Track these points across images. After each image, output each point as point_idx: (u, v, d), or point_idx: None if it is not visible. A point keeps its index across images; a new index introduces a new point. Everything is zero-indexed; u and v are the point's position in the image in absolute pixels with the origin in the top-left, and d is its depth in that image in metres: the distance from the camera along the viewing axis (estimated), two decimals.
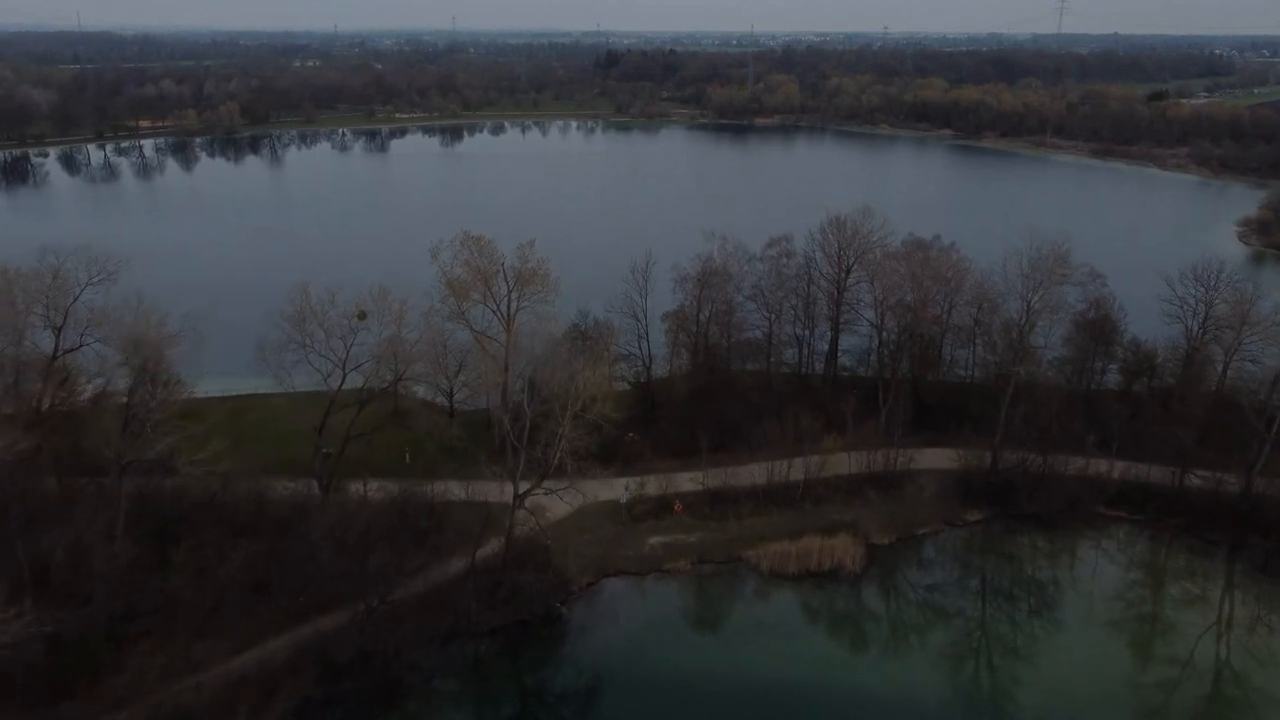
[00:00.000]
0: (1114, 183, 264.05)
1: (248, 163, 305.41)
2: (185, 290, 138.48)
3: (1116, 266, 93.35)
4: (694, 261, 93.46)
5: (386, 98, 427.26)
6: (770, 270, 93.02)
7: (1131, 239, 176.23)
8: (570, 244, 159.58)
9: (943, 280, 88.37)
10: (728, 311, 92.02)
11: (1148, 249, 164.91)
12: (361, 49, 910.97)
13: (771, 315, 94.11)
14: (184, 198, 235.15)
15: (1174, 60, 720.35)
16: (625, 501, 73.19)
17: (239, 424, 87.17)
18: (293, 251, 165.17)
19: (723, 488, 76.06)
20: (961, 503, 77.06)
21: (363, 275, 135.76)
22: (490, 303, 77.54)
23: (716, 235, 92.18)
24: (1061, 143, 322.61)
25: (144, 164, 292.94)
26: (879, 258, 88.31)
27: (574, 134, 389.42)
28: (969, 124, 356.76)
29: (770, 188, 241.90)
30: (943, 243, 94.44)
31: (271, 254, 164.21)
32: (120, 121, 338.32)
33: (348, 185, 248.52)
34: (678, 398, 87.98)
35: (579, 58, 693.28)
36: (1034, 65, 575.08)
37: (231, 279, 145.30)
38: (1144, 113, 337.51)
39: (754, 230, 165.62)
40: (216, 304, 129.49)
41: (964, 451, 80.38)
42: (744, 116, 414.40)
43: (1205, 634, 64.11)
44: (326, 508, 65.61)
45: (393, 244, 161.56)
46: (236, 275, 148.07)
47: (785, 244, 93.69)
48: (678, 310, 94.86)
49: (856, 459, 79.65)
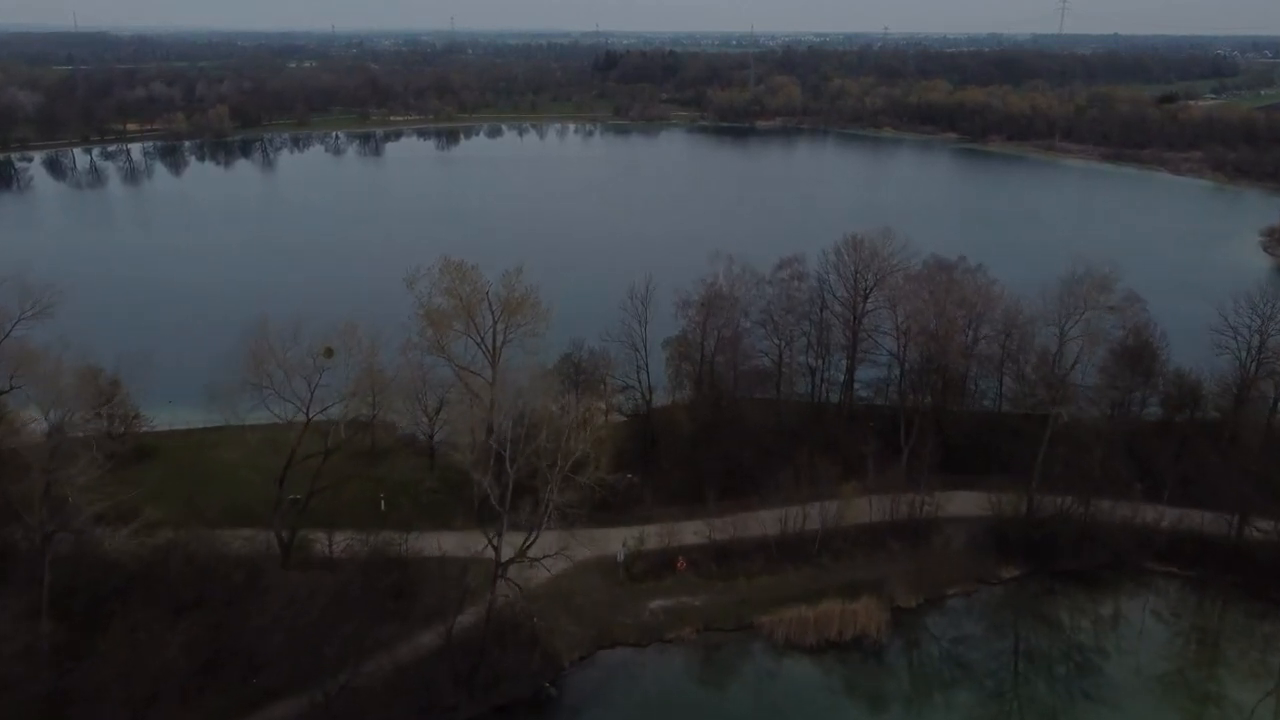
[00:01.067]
0: (1127, 188, 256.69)
1: (237, 167, 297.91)
2: (153, 306, 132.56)
3: (1142, 283, 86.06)
4: (697, 284, 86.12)
5: (381, 100, 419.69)
6: (780, 294, 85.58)
7: (1152, 250, 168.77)
8: (565, 257, 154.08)
9: (968, 305, 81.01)
10: (734, 338, 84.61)
11: (1172, 263, 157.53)
12: (359, 50, 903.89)
13: (782, 342, 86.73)
14: (165, 205, 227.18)
15: (1179, 61, 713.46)
16: (623, 559, 65.73)
17: (197, 463, 79.72)
18: (269, 266, 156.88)
19: (731, 540, 68.67)
20: (995, 556, 69.66)
21: (342, 294, 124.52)
22: (474, 334, 70.02)
23: (722, 255, 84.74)
24: (1070, 146, 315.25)
25: (131, 169, 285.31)
26: (901, 282, 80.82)
27: (572, 137, 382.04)
28: (975, 127, 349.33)
29: (774, 194, 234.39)
30: (968, 263, 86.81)
31: (246, 268, 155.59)
32: (107, 125, 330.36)
33: (336, 192, 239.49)
34: (680, 434, 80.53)
35: (578, 58, 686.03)
36: (1038, 66, 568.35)
37: (202, 293, 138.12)
38: (1154, 115, 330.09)
39: (759, 241, 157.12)
40: (186, 321, 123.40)
41: (996, 496, 73.07)
42: (745, 119, 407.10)
43: (1261, 704, 57.15)
44: (285, 572, 58.21)
45: (376, 259, 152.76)
46: (208, 289, 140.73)
47: (797, 265, 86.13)
48: (680, 337, 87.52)
49: (878, 505, 72.32)
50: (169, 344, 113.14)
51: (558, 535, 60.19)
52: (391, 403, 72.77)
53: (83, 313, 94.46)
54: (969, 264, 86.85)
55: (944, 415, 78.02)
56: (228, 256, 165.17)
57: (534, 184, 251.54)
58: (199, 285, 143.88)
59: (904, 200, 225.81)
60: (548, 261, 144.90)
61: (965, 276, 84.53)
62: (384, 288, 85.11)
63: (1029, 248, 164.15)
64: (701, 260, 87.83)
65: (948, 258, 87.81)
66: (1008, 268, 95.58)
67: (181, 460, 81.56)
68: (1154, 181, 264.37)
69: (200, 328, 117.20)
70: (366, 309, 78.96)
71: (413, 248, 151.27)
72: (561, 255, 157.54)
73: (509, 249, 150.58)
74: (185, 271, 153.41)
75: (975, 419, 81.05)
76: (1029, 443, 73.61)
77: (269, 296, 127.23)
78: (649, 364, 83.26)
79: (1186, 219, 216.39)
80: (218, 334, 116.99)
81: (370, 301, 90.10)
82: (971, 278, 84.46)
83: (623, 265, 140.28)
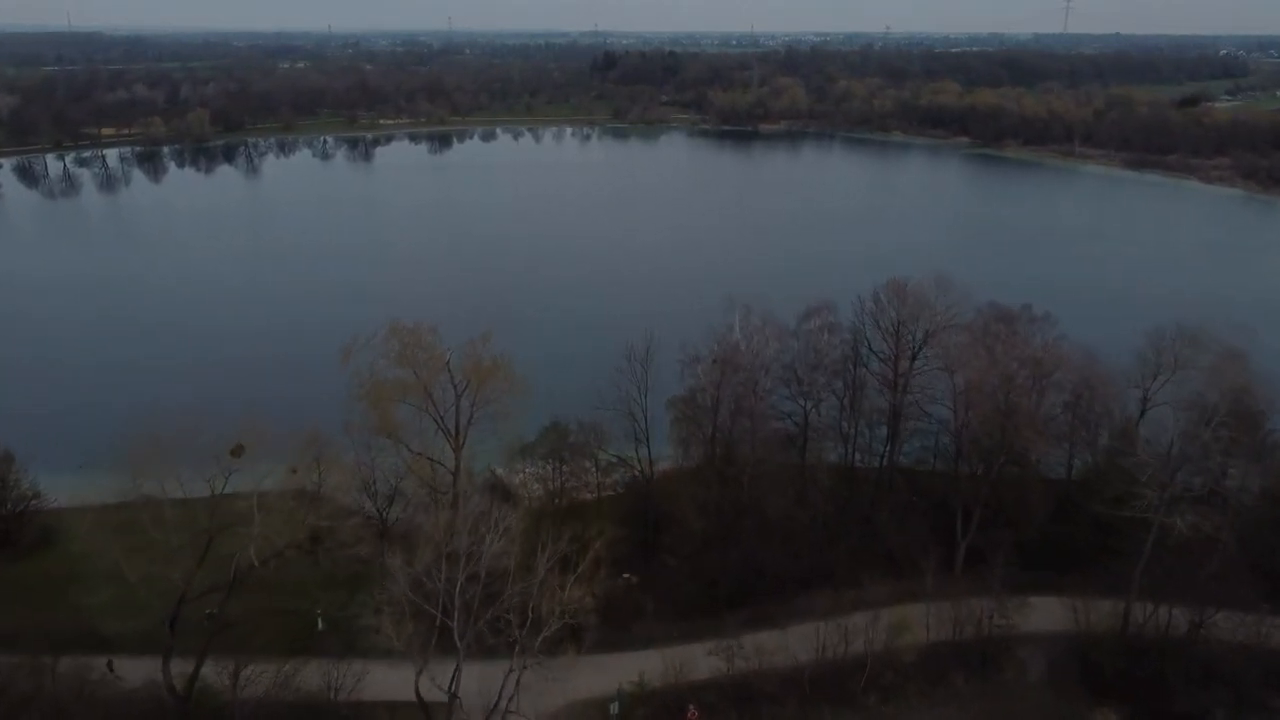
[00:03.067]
0: (1157, 199, 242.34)
1: (214, 176, 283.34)
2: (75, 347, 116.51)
3: (1219, 315, 72.80)
4: (708, 335, 72.02)
5: (372, 102, 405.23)
6: (806, 347, 71.43)
7: (1206, 274, 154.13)
8: (552, 293, 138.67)
9: (1034, 364, 66.89)
10: (752, 399, 70.41)
11: (1239, 295, 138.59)
12: (354, 50, 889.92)
13: (809, 404, 72.62)
14: (126, 222, 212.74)
15: (1188, 61, 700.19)
16: (616, 712, 51.48)
17: (103, 555, 65.37)
18: (216, 306, 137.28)
19: (754, 673, 54.58)
20: (1084, 693, 55.47)
21: (290, 350, 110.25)
22: (431, 409, 55.93)
23: (737, 301, 70.61)
24: (1090, 151, 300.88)
25: (106, 176, 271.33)
26: (953, 339, 66.62)
27: (569, 141, 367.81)
28: (988, 130, 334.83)
29: (785, 210, 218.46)
30: (1033, 312, 72.46)
31: (189, 307, 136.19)
32: (81, 129, 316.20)
33: (315, 207, 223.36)
34: (687, 523, 66.22)
35: (576, 59, 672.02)
36: (1046, 67, 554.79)
37: (134, 332, 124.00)
38: (1177, 119, 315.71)
39: (775, 272, 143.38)
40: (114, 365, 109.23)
41: (1082, 605, 58.97)
42: (748, 122, 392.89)
43: None
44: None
45: (337, 299, 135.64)
46: (142, 326, 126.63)
47: (827, 314, 71.87)
48: (688, 397, 73.29)
49: (936, 618, 58.34)
50: (93, 392, 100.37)
51: (535, 671, 46.47)
52: (334, 496, 58.44)
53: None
54: (1033, 312, 72.42)
55: (1011, 500, 63.78)
56: (172, 292, 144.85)
57: (524, 196, 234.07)
58: (135, 321, 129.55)
59: (925, 215, 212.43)
60: (532, 300, 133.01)
61: (1030, 327, 70.32)
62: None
63: (1075, 276, 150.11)
64: (710, 298, 74.16)
65: (1008, 304, 73.56)
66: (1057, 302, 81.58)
67: (86, 549, 67.32)
68: (1183, 191, 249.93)
69: (128, 375, 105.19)
70: (317, 373, 64.94)
71: (378, 287, 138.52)
72: (548, 290, 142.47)
73: (487, 288, 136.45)
74: (125, 307, 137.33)
75: (1048, 501, 66.71)
76: (1118, 535, 59.63)
77: (205, 345, 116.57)
78: (650, 432, 69.20)
79: (1230, 234, 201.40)
80: (148, 381, 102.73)
81: (320, 365, 76.16)
82: (1038, 329, 70.20)
83: (619, 307, 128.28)
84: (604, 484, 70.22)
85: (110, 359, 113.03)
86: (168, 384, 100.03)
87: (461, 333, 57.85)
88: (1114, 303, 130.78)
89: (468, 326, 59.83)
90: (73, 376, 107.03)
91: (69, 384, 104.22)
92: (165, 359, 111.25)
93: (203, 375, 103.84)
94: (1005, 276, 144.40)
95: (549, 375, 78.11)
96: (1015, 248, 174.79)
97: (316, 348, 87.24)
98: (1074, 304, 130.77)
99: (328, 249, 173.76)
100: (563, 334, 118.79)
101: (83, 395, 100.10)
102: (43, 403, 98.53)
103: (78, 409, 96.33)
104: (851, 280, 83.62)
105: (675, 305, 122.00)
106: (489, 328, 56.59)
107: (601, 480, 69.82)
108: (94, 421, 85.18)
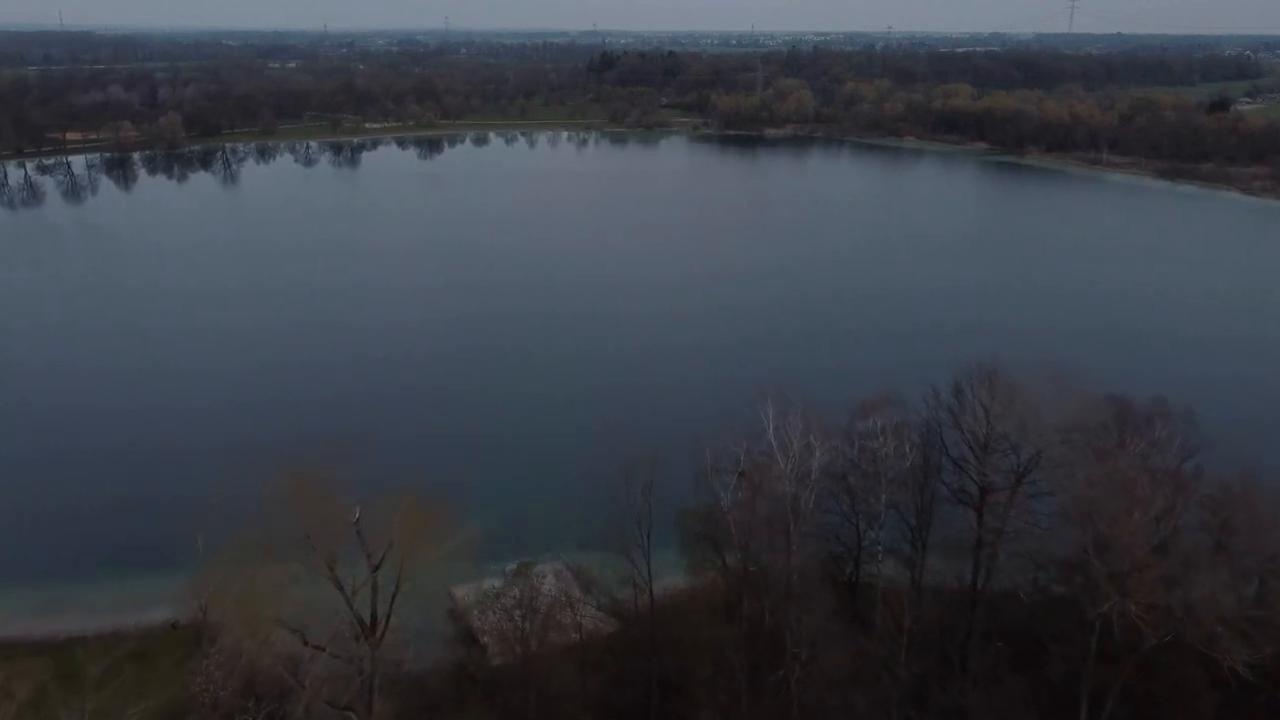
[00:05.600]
0: (1203, 214, 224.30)
1: (185, 186, 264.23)
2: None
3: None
4: (730, 428, 54.31)
5: (358, 105, 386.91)
6: (860, 453, 53.73)
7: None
8: (526, 370, 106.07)
9: (1176, 486, 49.18)
10: (789, 520, 52.66)
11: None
12: (349, 50, 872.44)
13: (860, 522, 54.95)
14: (72, 243, 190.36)
15: (1202, 62, 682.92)
16: None
17: None
18: (151, 390, 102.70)
19: None
20: None
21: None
22: (338, 591, 38.12)
23: (768, 394, 52.81)
24: (1118, 159, 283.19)
25: (72, 185, 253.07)
26: (1070, 458, 48.65)
27: (564, 146, 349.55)
28: (1007, 136, 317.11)
29: (804, 229, 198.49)
30: (1167, 406, 54.44)
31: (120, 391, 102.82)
32: (46, 134, 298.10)
33: (274, 233, 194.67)
34: (706, 689, 48.38)
35: (574, 58, 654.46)
36: (1059, 68, 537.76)
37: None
38: (1208, 124, 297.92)
39: (807, 325, 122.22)
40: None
41: None
42: (752, 126, 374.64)
43: None
44: None
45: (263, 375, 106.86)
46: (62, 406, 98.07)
47: (891, 410, 53.95)
48: (706, 512, 55.41)
49: None
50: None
51: None
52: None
53: None
54: (1167, 406, 54.42)
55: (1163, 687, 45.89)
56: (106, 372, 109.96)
57: (509, 219, 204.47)
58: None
59: (969, 242, 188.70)
60: (496, 386, 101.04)
61: (1167, 430, 52.40)
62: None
63: (1169, 316, 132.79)
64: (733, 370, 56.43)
65: (1128, 393, 55.71)
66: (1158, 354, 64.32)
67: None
68: (1227, 203, 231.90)
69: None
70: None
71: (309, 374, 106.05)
72: (519, 369, 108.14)
73: (450, 363, 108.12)
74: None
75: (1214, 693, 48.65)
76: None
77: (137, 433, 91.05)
78: (651, 545, 51.39)
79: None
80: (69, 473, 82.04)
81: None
82: (1177, 434, 52.28)
83: (613, 391, 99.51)
84: (590, 633, 52.40)
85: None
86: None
87: (403, 440, 40.10)
88: (1232, 350, 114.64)
89: (415, 441, 41.96)
90: None
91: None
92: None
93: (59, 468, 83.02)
94: (1087, 322, 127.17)
95: (522, 485, 60.28)
96: (1081, 280, 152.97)
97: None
98: (1184, 354, 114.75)
99: (270, 293, 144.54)
100: (541, 424, 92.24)
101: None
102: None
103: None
104: (909, 348, 65.80)
105: (688, 382, 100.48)
106: (428, 456, 38.70)
107: (585, 631, 52.00)
108: None
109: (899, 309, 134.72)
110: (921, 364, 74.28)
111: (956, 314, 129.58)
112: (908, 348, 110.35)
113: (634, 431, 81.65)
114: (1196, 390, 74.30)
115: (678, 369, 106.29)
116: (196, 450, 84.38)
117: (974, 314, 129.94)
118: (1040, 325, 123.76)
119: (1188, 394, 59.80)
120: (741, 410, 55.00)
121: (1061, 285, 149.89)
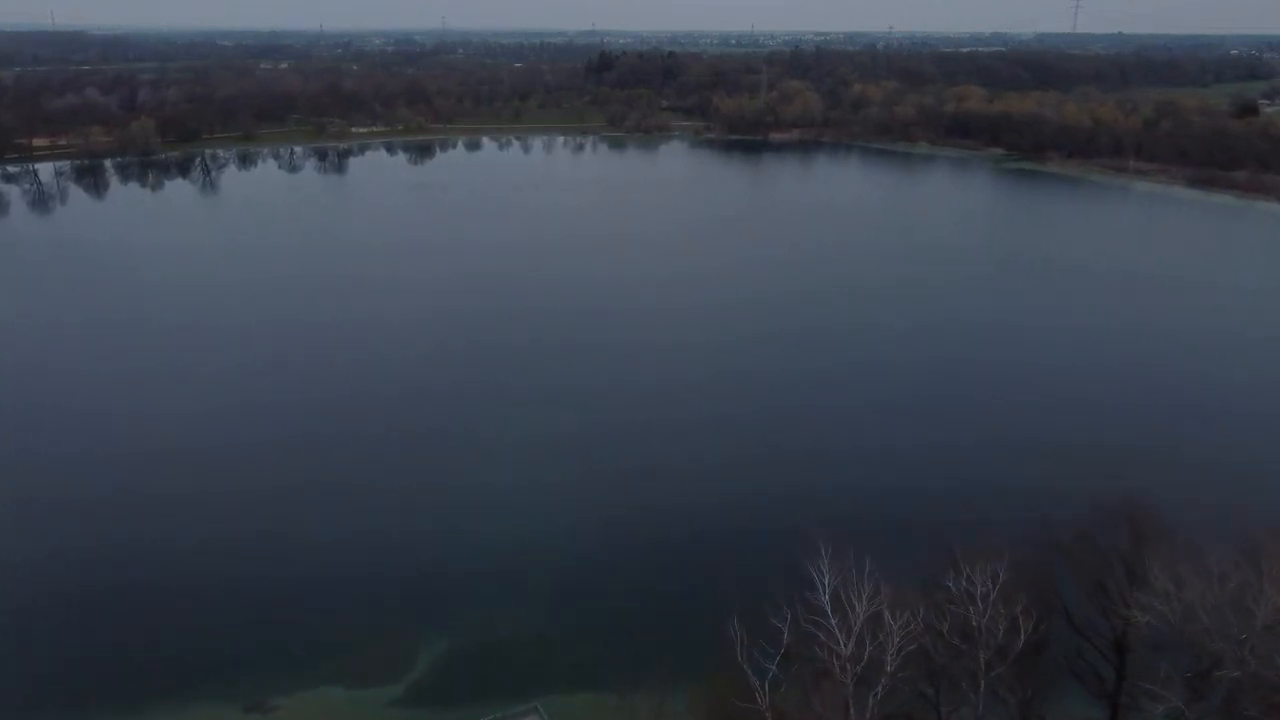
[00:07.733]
0: (1249, 229, 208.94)
1: (161, 196, 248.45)
2: None
3: None
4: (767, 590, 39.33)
5: (345, 108, 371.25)
6: (942, 621, 38.73)
7: None
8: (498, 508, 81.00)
9: None
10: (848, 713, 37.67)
11: None
12: (344, 50, 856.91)
13: (946, 710, 39.96)
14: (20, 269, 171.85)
15: (1213, 63, 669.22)
16: None
17: None
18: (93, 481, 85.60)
19: None
20: None
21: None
22: None
23: (825, 554, 37.70)
24: (1144, 166, 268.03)
25: (38, 194, 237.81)
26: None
27: (560, 152, 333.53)
28: (1025, 141, 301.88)
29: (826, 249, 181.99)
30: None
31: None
32: (14, 139, 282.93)
33: (233, 261, 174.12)
34: None
35: (572, 59, 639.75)
36: (1069, 69, 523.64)
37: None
38: (1238, 129, 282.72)
39: (860, 406, 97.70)
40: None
41: None
42: (757, 131, 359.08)
43: None
44: None
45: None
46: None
47: (992, 564, 38.83)
48: (734, 678, 40.40)
49: None
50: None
51: None
52: None
53: None
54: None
55: None
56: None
57: (487, 253, 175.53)
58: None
59: (1021, 273, 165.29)
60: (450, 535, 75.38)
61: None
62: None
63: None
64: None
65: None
66: None
67: None
68: (1270, 215, 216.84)
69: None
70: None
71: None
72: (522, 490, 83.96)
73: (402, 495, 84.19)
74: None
75: None
76: None
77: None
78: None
79: None
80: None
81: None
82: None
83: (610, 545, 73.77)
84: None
85: None
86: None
87: None
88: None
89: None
90: None
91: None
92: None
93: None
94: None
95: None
96: (1192, 322, 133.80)
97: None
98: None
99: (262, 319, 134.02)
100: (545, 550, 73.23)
101: None
102: None
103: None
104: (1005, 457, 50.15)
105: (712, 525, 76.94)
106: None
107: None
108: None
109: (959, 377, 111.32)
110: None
111: (1050, 387, 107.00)
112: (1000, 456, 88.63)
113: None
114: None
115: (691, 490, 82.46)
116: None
117: (1073, 384, 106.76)
118: (1174, 401, 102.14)
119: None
120: (780, 543, 39.74)
121: (1176, 325, 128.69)
